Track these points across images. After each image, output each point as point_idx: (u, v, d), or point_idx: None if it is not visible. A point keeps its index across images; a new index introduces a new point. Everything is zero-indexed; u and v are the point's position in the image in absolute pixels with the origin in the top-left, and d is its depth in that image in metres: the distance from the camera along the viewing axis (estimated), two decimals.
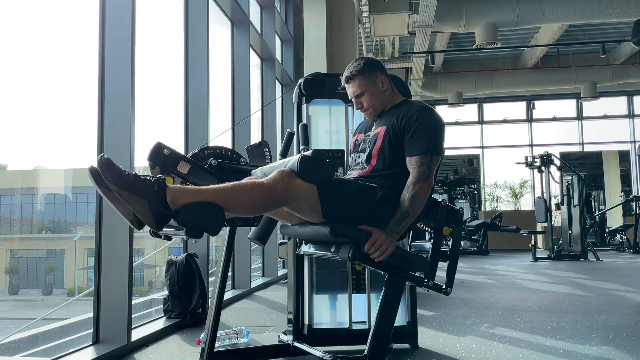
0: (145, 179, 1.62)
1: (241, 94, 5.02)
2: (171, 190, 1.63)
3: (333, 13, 6.97)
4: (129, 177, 1.60)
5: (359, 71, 2.15)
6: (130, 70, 2.78)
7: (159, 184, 1.62)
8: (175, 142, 3.90)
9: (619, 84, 12.72)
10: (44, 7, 3.55)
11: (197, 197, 1.65)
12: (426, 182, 1.96)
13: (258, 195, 1.71)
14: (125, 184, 1.58)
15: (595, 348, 2.76)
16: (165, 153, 2.02)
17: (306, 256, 2.75)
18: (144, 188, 1.59)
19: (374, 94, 2.16)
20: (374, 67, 2.17)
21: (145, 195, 1.59)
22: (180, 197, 1.63)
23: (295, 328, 2.72)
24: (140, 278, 5.31)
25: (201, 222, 1.64)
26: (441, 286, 2.04)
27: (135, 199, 1.58)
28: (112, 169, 1.59)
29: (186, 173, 2.06)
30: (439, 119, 2.07)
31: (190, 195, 1.65)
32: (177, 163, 2.06)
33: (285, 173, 1.75)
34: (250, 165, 2.29)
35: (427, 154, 1.97)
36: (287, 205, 1.81)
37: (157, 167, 2.04)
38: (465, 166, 16.32)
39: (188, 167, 2.07)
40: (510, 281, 5.92)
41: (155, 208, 1.60)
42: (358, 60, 2.19)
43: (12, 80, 3.31)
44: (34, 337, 3.04)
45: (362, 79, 2.15)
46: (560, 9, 8.56)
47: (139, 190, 1.59)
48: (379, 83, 2.16)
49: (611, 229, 11.44)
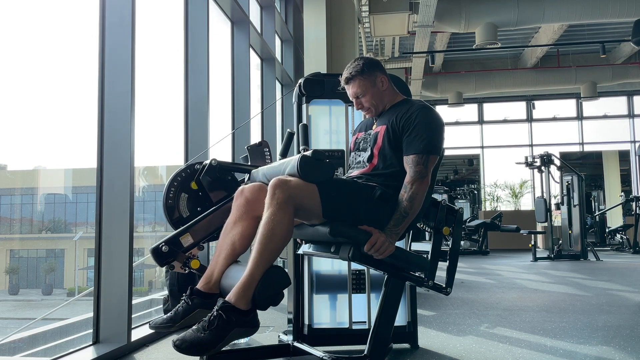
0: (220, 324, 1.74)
1: (241, 94, 5.02)
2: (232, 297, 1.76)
3: (333, 13, 6.97)
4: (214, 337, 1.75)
5: (359, 72, 2.15)
6: (130, 70, 2.78)
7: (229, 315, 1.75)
8: (175, 142, 3.90)
9: (619, 84, 12.72)
10: (44, 7, 3.55)
11: (254, 282, 1.77)
12: (423, 181, 1.95)
13: (275, 232, 1.78)
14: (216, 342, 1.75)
15: (595, 348, 2.76)
16: (164, 250, 2.09)
17: (306, 256, 2.75)
18: (228, 327, 1.76)
19: (374, 94, 2.16)
20: (374, 67, 2.17)
21: (230, 329, 1.75)
22: (244, 296, 1.76)
23: (295, 328, 2.72)
24: (140, 278, 5.31)
25: (278, 291, 1.79)
26: (441, 286, 2.04)
27: (236, 335, 1.79)
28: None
29: (190, 243, 2.11)
30: (438, 118, 2.07)
31: (248, 288, 1.77)
32: (180, 248, 2.10)
33: (278, 183, 1.79)
34: (250, 165, 2.29)
35: (424, 153, 1.97)
36: (295, 208, 1.82)
37: (171, 263, 2.11)
38: (465, 166, 16.31)
39: (189, 237, 2.11)
40: (510, 281, 5.92)
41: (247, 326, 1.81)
42: (357, 61, 2.18)
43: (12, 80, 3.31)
44: (34, 337, 3.04)
45: (362, 80, 2.15)
46: (560, 9, 8.56)
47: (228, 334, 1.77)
48: (379, 82, 2.16)
49: (611, 229, 11.44)
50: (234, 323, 1.70)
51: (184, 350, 1.68)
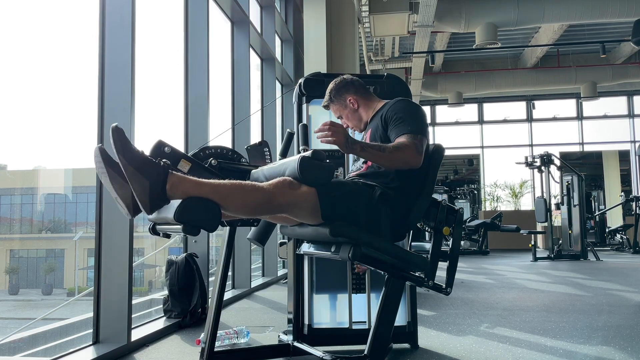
0: (153, 161, 1.61)
1: (241, 94, 5.02)
2: (172, 176, 1.62)
3: (333, 13, 6.97)
4: (138, 155, 1.59)
5: (329, 99, 2.36)
6: (130, 70, 2.78)
7: (164, 168, 1.62)
8: (175, 142, 3.90)
9: (619, 84, 12.72)
10: (44, 7, 3.55)
11: (196, 189, 1.63)
12: (416, 155, 1.98)
13: (256, 199, 1.70)
14: (133, 159, 1.57)
15: (595, 348, 2.76)
16: (166, 151, 2.02)
17: (306, 256, 2.75)
18: (150, 168, 1.59)
19: (348, 115, 2.34)
20: (341, 92, 2.33)
21: (149, 177, 1.58)
22: (180, 185, 1.61)
23: (295, 328, 2.72)
24: (140, 278, 5.31)
25: (198, 219, 1.61)
26: (441, 286, 2.04)
27: (139, 178, 1.57)
28: (124, 140, 1.58)
29: (186, 172, 2.06)
30: (416, 105, 2.19)
31: (189, 186, 1.63)
32: (178, 161, 2.05)
33: (287, 182, 1.75)
34: (250, 165, 2.29)
35: (416, 133, 2.03)
36: (284, 213, 1.81)
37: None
38: (465, 166, 16.30)
39: (189, 166, 2.06)
40: (510, 281, 5.92)
41: (155, 191, 1.59)
42: (331, 85, 2.35)
43: (12, 81, 3.31)
44: (34, 337, 3.04)
45: (334, 105, 2.35)
46: (560, 9, 8.56)
47: (144, 169, 1.58)
48: (350, 104, 2.32)
49: (611, 229, 11.44)
50: (154, 177, 1.58)
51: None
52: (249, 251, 4.98)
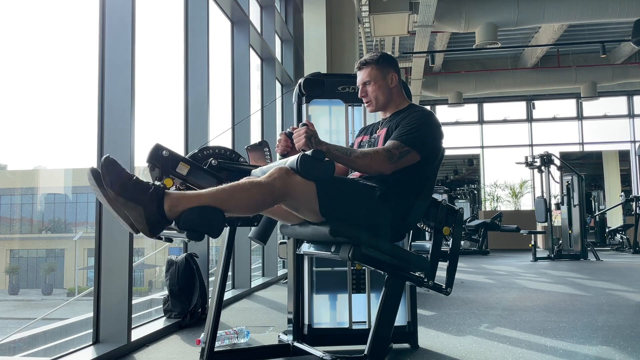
0: (144, 187, 1.60)
1: (241, 94, 5.02)
2: (169, 197, 1.62)
3: (333, 13, 6.97)
4: (129, 184, 1.58)
5: (374, 60, 2.20)
6: (130, 70, 2.78)
7: (157, 191, 1.60)
8: (175, 142, 3.90)
9: (619, 83, 12.72)
10: (44, 7, 3.55)
11: (196, 201, 1.63)
12: (388, 163, 1.94)
13: (257, 194, 1.70)
14: (122, 191, 1.57)
15: (595, 348, 2.76)
16: (165, 155, 2.01)
17: (306, 256, 2.75)
18: (141, 196, 1.58)
19: (380, 87, 2.20)
20: (388, 62, 2.22)
21: (142, 203, 1.58)
22: (179, 204, 1.61)
23: (295, 328, 2.72)
24: (140, 278, 5.31)
25: (202, 225, 1.63)
26: (441, 286, 2.04)
27: (131, 206, 1.57)
28: (113, 172, 1.57)
29: (185, 174, 2.06)
30: (435, 121, 2.09)
31: (189, 200, 1.63)
32: (177, 164, 2.05)
33: (284, 170, 1.74)
34: (250, 165, 2.29)
35: (405, 144, 1.98)
36: (285, 201, 1.79)
37: (157, 168, 2.03)
38: (465, 166, 16.31)
39: (187, 168, 2.06)
40: (510, 281, 5.92)
41: (150, 216, 1.58)
42: (376, 52, 2.25)
43: (12, 81, 3.31)
44: (34, 337, 3.04)
45: (374, 69, 2.20)
46: (560, 9, 8.56)
47: (136, 198, 1.57)
48: (389, 78, 2.21)
49: (611, 229, 11.44)
50: (147, 203, 1.58)
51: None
52: (249, 251, 4.98)
